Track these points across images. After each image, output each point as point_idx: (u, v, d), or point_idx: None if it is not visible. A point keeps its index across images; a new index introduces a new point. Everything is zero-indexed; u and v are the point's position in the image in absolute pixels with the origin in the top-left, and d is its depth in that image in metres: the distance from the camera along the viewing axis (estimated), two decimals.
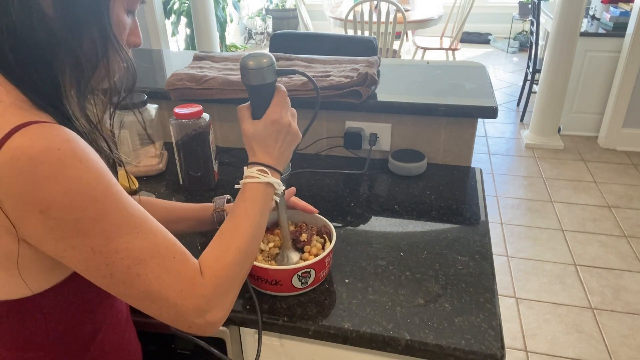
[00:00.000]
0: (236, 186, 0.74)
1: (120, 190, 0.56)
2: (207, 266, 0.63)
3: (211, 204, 0.92)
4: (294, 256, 0.85)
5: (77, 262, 0.54)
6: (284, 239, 0.85)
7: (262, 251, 0.88)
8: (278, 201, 0.81)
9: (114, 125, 1.11)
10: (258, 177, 0.72)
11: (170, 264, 0.59)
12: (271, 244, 0.89)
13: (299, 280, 0.83)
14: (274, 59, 0.72)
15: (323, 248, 0.89)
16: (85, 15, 0.55)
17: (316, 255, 0.85)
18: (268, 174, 0.73)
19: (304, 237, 0.89)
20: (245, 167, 0.74)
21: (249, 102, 0.76)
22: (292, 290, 0.84)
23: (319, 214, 0.94)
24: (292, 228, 0.93)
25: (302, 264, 0.82)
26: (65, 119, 0.56)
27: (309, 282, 0.84)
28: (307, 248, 0.87)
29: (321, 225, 0.94)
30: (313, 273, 0.83)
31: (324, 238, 0.91)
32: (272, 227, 0.93)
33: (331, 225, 0.92)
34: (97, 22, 0.57)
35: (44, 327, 0.61)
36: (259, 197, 0.72)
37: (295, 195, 0.96)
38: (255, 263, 0.82)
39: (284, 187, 0.76)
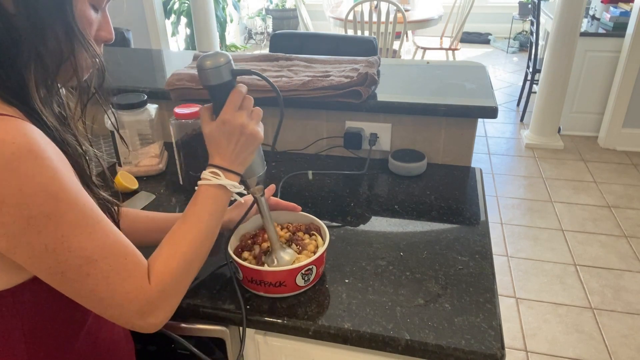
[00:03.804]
0: (196, 188, 0.74)
1: (76, 189, 0.56)
2: (154, 270, 0.64)
3: None
4: (286, 255, 0.84)
5: (28, 258, 0.54)
6: (271, 240, 0.84)
7: (255, 257, 0.87)
8: (259, 201, 0.81)
9: (109, 123, 1.11)
10: (209, 180, 0.72)
11: (120, 266, 0.59)
12: (257, 247, 0.88)
13: (302, 278, 0.83)
14: (231, 58, 0.72)
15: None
16: (47, 11, 0.55)
17: (314, 253, 0.85)
18: (221, 176, 0.72)
19: (298, 241, 0.89)
20: None
21: (211, 103, 0.75)
22: (296, 289, 0.84)
23: (302, 211, 0.94)
24: (280, 232, 0.91)
25: (305, 261, 0.81)
26: (33, 114, 0.56)
27: (311, 279, 0.85)
28: (304, 252, 0.87)
29: (309, 223, 0.93)
30: (314, 269, 0.84)
31: (314, 234, 0.91)
32: (261, 231, 0.91)
33: (319, 220, 0.91)
34: (60, 18, 0.56)
35: (18, 323, 0.61)
36: (210, 200, 0.72)
37: (295, 195, 0.96)
38: (253, 266, 0.81)
39: (242, 189, 0.75)
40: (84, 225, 0.56)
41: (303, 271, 0.82)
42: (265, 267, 0.82)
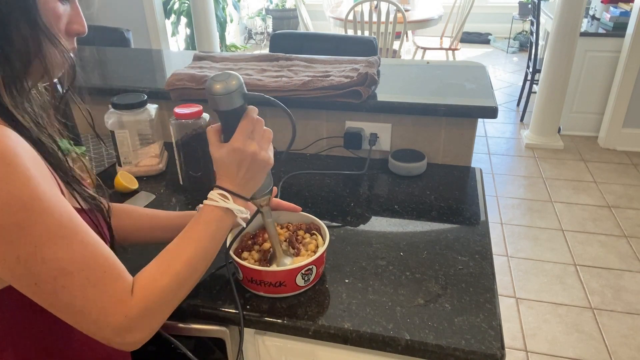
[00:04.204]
0: (197, 207, 0.72)
1: (52, 196, 0.54)
2: (140, 286, 0.61)
3: (195, 212, 0.91)
4: (288, 262, 0.84)
5: (1, 268, 0.52)
6: (274, 248, 0.84)
7: (257, 260, 0.88)
8: (264, 213, 0.81)
9: (110, 123, 1.10)
10: (217, 202, 0.70)
11: (98, 279, 0.56)
12: (257, 247, 0.89)
13: (302, 278, 0.83)
14: (242, 81, 0.69)
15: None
16: (10, 10, 0.53)
17: (314, 252, 0.85)
18: (229, 199, 0.70)
19: (299, 240, 0.89)
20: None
21: (219, 124, 0.73)
22: (296, 289, 0.84)
23: (302, 211, 0.94)
24: (280, 230, 0.92)
25: (305, 261, 0.81)
26: (7, 115, 0.55)
27: (311, 279, 0.85)
28: (302, 251, 0.87)
29: (309, 223, 0.93)
30: (314, 269, 0.84)
31: (314, 234, 0.91)
32: (261, 231, 0.91)
33: (319, 220, 0.91)
34: (25, 16, 0.54)
35: (5, 327, 0.60)
36: (214, 222, 0.70)
37: (295, 195, 0.96)
38: (253, 266, 0.81)
39: (248, 214, 0.74)
40: (59, 236, 0.53)
41: (303, 271, 0.82)
42: (265, 267, 0.82)
